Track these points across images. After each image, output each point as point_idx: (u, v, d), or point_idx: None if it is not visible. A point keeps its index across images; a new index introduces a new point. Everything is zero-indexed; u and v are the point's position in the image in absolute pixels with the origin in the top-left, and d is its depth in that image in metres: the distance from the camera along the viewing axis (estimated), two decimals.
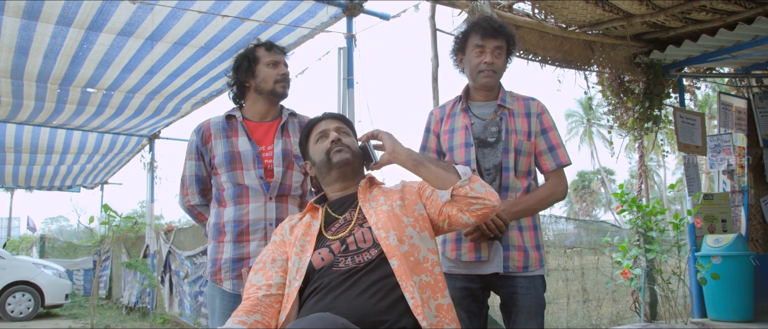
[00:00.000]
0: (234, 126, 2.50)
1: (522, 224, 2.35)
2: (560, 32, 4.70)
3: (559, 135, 2.45)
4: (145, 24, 4.57)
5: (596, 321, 5.83)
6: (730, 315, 5.08)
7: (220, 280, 2.40)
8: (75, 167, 10.81)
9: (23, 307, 9.57)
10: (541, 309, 2.32)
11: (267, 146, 2.48)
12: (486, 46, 2.38)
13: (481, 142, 2.39)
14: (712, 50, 5.19)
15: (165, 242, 8.64)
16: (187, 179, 2.56)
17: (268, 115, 2.55)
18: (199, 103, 6.94)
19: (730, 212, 5.95)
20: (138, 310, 9.90)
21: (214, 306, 2.44)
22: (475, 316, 2.38)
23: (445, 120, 2.52)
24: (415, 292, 1.67)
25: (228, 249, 2.40)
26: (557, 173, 2.42)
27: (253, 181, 2.41)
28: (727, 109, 6.48)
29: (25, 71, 5.45)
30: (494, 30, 2.39)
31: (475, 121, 2.43)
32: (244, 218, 2.39)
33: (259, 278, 1.82)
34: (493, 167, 2.36)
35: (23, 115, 7.08)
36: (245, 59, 2.51)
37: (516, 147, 2.36)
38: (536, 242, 2.37)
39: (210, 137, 2.50)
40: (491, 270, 2.30)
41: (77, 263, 13.70)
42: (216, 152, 2.46)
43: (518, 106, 2.44)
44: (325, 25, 4.71)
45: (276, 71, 2.47)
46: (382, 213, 1.84)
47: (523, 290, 2.29)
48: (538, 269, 2.35)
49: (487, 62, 2.38)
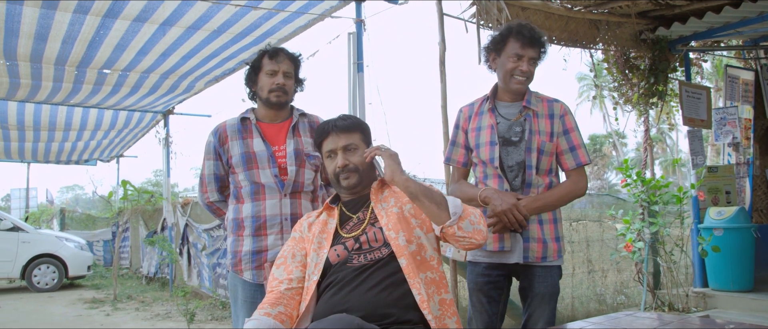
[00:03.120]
0: (248, 128, 2.65)
1: (542, 217, 2.51)
2: (565, 12, 4.76)
3: (580, 136, 2.58)
4: (159, 11, 4.69)
5: (601, 290, 6.00)
6: (730, 285, 5.25)
7: (241, 271, 2.59)
8: (92, 142, 11.04)
9: (48, 279, 9.94)
10: (554, 296, 2.52)
11: (280, 146, 2.63)
12: (525, 55, 2.49)
13: (505, 141, 2.54)
14: (717, 26, 5.22)
15: (182, 215, 8.86)
16: (206, 177, 2.73)
17: (277, 117, 2.69)
18: (212, 81, 7.08)
19: (734, 184, 6.06)
20: (157, 280, 10.23)
21: (237, 294, 2.63)
22: (495, 301, 2.59)
23: (473, 118, 2.66)
24: (421, 288, 1.84)
25: (247, 243, 2.58)
26: (578, 172, 2.57)
27: (269, 179, 2.57)
28: (734, 81, 6.52)
29: (43, 56, 5.60)
30: (535, 40, 2.49)
31: (501, 120, 2.57)
32: (262, 214, 2.56)
33: (281, 272, 2.00)
34: (516, 165, 2.52)
35: (42, 95, 7.27)
36: (251, 68, 2.66)
37: (539, 147, 2.50)
38: (556, 234, 2.54)
39: (226, 139, 2.65)
40: (513, 260, 2.49)
41: (96, 234, 14.06)
42: (233, 153, 2.62)
43: (542, 107, 2.57)
44: (334, 9, 4.80)
45: (272, 81, 2.58)
46: (392, 215, 2.00)
47: (540, 278, 2.49)
48: (556, 259, 2.53)
49: (523, 70, 2.49)
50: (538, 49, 2.51)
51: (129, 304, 8.13)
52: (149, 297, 8.66)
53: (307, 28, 5.17)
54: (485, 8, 4.03)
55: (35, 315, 7.34)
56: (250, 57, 6.02)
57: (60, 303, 8.38)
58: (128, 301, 8.40)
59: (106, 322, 6.76)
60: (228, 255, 2.67)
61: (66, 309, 7.80)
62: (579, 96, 44.66)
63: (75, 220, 16.62)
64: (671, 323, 1.79)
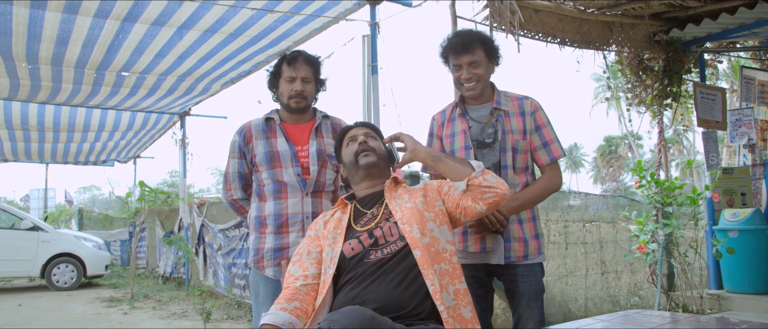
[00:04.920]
0: (272, 128, 2.73)
1: (521, 217, 2.56)
2: (579, 15, 4.77)
3: (552, 131, 2.62)
4: (177, 14, 4.78)
5: (615, 292, 6.00)
6: (745, 287, 5.22)
7: (263, 267, 2.66)
8: (109, 143, 11.21)
9: (67, 278, 10.10)
10: (540, 294, 2.56)
11: (303, 146, 2.70)
12: (461, 63, 2.56)
13: (479, 143, 2.60)
14: (732, 27, 5.20)
15: (198, 215, 8.96)
16: (231, 175, 2.80)
17: (300, 119, 2.77)
18: (228, 83, 7.18)
19: (749, 186, 6.02)
20: (174, 280, 10.36)
21: (258, 291, 2.70)
22: (482, 299, 2.64)
23: (446, 124, 2.72)
24: (435, 280, 1.90)
25: (269, 240, 2.65)
26: (552, 167, 2.61)
27: (291, 178, 2.64)
28: (750, 82, 6.48)
29: (64, 59, 5.73)
30: (463, 47, 2.54)
31: (473, 124, 2.63)
32: (284, 212, 2.63)
33: (297, 269, 2.07)
34: (492, 166, 2.56)
35: (61, 97, 7.41)
36: (272, 74, 2.73)
37: (513, 146, 2.55)
38: (535, 231, 2.60)
39: (251, 138, 2.72)
40: (494, 260, 2.54)
41: (114, 234, 14.25)
42: (257, 152, 2.69)
43: (513, 106, 2.61)
44: (349, 12, 4.86)
45: (291, 87, 2.65)
46: (406, 210, 2.06)
47: (524, 278, 2.53)
48: (537, 257, 2.58)
49: (465, 78, 2.56)
50: (474, 52, 2.54)
51: (146, 303, 8.25)
52: (166, 297, 8.77)
53: (322, 30, 5.24)
54: (498, 10, 4.06)
55: (55, 313, 7.47)
56: (266, 59, 6.15)
57: (79, 302, 8.52)
58: (145, 300, 8.52)
59: (124, 321, 6.87)
60: (250, 252, 2.73)
61: (85, 308, 7.93)
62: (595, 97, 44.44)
63: (93, 220, 16.86)
64: (680, 321, 1.81)
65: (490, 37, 2.66)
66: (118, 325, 6.59)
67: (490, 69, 2.62)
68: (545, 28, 4.68)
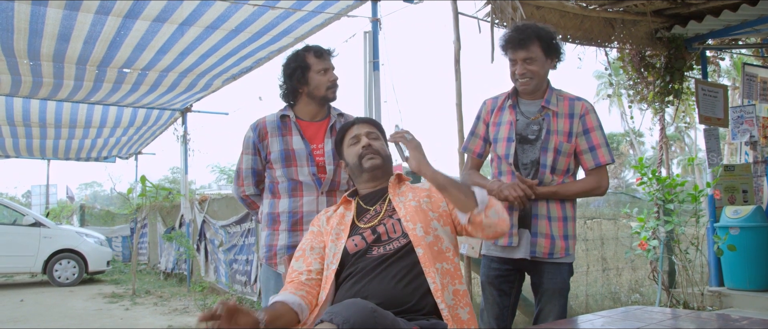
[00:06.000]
0: (288, 125, 2.70)
1: (551, 214, 2.54)
2: (580, 11, 4.77)
3: (602, 135, 2.56)
4: (178, 11, 4.78)
5: (616, 289, 6.00)
6: (746, 284, 5.22)
7: (275, 264, 2.65)
8: (111, 139, 11.23)
9: (69, 273, 10.12)
10: (564, 292, 2.55)
11: (318, 145, 2.68)
12: (516, 58, 2.53)
13: (521, 138, 2.58)
14: (735, 24, 5.19)
15: (199, 211, 8.97)
16: (244, 171, 2.77)
17: (317, 115, 2.75)
18: (229, 79, 7.18)
19: (751, 183, 6.01)
20: (175, 276, 10.38)
21: (269, 286, 2.69)
22: (506, 295, 2.65)
23: (495, 112, 2.70)
24: (436, 278, 1.90)
25: (283, 237, 2.64)
26: (598, 171, 2.57)
27: (307, 177, 2.63)
28: (752, 80, 6.47)
29: (66, 55, 5.73)
30: (519, 42, 2.51)
31: (520, 118, 2.61)
32: (299, 210, 2.63)
33: (300, 264, 2.07)
34: (531, 163, 2.56)
35: (63, 93, 7.42)
36: (298, 68, 2.66)
37: (556, 147, 2.53)
38: (565, 232, 2.55)
39: (266, 135, 2.70)
40: (519, 255, 2.54)
41: (115, 230, 14.28)
42: (272, 149, 2.67)
43: (563, 107, 2.58)
44: (350, 8, 4.85)
45: (327, 78, 2.65)
46: (411, 208, 2.06)
47: (549, 275, 2.53)
48: (564, 257, 2.54)
49: (519, 73, 2.54)
50: (529, 48, 2.50)
51: (147, 299, 8.26)
52: (167, 292, 8.79)
53: (324, 27, 5.24)
54: (500, 7, 4.05)
55: (57, 309, 7.49)
56: (268, 56, 6.15)
57: (80, 298, 8.54)
58: (147, 296, 8.54)
59: (126, 316, 6.89)
60: (262, 248, 2.72)
61: (86, 303, 7.95)
62: (597, 94, 44.36)
63: (94, 216, 16.89)
64: (681, 318, 1.81)
65: (549, 32, 2.58)
66: (120, 321, 6.60)
67: (547, 65, 2.57)
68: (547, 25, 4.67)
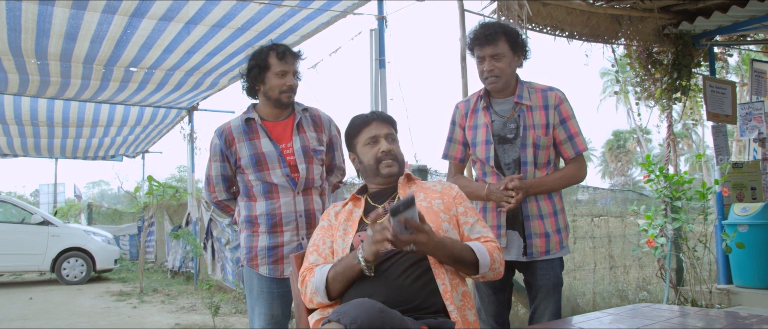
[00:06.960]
0: (254, 128, 2.66)
1: (542, 212, 2.54)
2: (587, 8, 4.75)
3: (577, 124, 2.57)
4: (185, 10, 4.78)
5: (623, 287, 5.98)
6: (755, 282, 5.20)
7: (257, 265, 2.64)
8: (118, 138, 11.27)
9: (77, 272, 10.17)
10: (558, 287, 2.56)
11: (287, 144, 2.65)
12: (484, 55, 2.51)
13: (500, 139, 2.57)
14: (743, 20, 5.15)
15: (206, 210, 8.99)
16: (214, 178, 2.74)
17: (281, 115, 2.71)
18: (236, 77, 7.17)
19: (760, 180, 5.97)
20: (182, 274, 10.41)
21: (252, 287, 2.69)
22: (500, 291, 2.66)
23: (470, 115, 2.69)
24: (446, 279, 1.90)
25: (263, 239, 2.63)
26: (577, 160, 2.59)
27: (280, 179, 2.61)
28: (760, 76, 6.43)
29: (73, 55, 5.75)
30: (485, 38, 2.49)
31: (495, 118, 2.60)
32: (277, 212, 2.61)
33: (316, 257, 2.07)
34: (513, 162, 2.55)
35: (70, 92, 7.45)
36: (256, 66, 2.61)
37: (534, 142, 2.51)
38: (557, 226, 2.56)
39: (233, 141, 2.66)
40: (511, 257, 2.54)
41: (123, 229, 14.34)
42: (241, 155, 2.64)
43: (536, 99, 2.56)
44: (356, 6, 4.85)
45: (283, 82, 2.59)
46: (421, 208, 2.05)
47: (542, 272, 2.53)
48: (559, 251, 2.56)
49: (487, 70, 2.52)
50: (497, 44, 2.48)
51: (155, 297, 8.30)
52: (174, 291, 8.82)
53: (330, 24, 5.24)
54: (506, 4, 4.04)
55: (65, 307, 7.53)
56: None
57: (88, 296, 8.58)
58: (154, 294, 8.57)
59: (133, 314, 6.92)
60: (242, 250, 2.71)
61: (94, 302, 7.99)
62: (603, 92, 44.20)
63: (102, 215, 16.97)
64: (690, 316, 1.80)
65: (515, 29, 2.58)
66: (128, 319, 6.63)
67: (514, 62, 2.56)
68: (553, 22, 4.66)
